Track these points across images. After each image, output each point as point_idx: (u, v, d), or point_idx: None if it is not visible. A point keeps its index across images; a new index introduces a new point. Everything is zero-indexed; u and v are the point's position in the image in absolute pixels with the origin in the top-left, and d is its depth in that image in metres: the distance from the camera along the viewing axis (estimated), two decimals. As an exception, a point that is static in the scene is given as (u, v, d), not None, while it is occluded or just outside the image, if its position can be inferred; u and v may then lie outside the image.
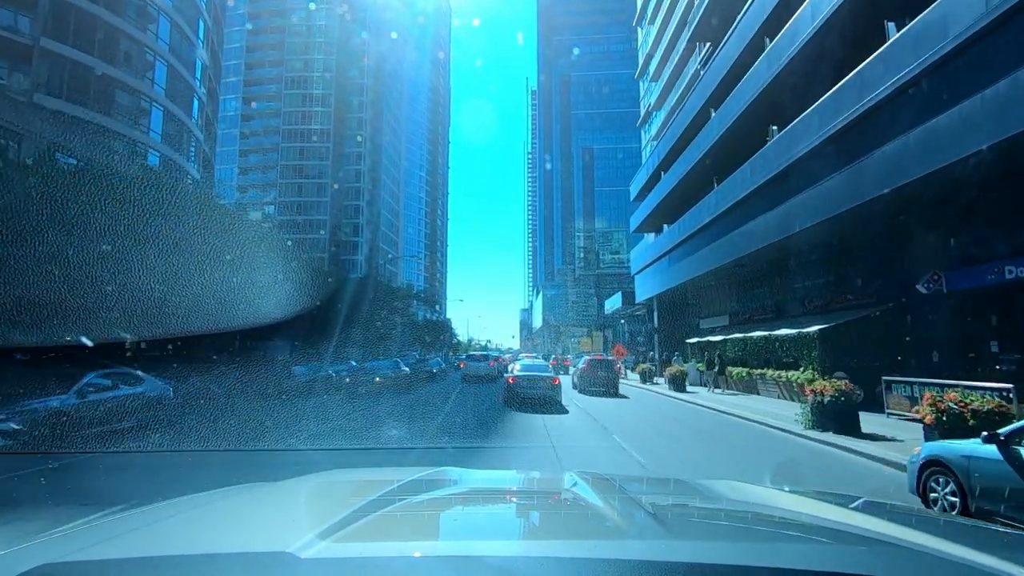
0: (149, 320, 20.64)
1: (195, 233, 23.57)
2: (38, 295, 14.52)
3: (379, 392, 18.63)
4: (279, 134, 74.09)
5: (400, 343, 51.54)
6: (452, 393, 21.49)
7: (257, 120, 75.46)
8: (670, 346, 37.25)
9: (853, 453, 9.38)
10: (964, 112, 10.97)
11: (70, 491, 6.10)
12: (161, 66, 31.40)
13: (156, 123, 30.78)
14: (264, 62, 75.27)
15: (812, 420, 11.59)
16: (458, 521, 1.62)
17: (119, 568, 1.04)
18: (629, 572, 0.98)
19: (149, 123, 30.23)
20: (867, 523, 1.52)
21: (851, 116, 14.72)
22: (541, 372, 18.02)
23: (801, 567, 1.03)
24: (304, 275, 32.37)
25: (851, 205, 14.41)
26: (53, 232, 15.07)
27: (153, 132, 30.53)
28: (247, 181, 74.63)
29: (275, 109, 74.57)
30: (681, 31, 34.95)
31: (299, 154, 74.54)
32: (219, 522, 1.48)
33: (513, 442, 10.51)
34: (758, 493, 2.12)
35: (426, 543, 1.27)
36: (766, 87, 18.87)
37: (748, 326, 24.51)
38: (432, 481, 2.06)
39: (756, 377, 20.20)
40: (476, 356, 29.29)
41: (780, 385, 18.31)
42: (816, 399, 11.47)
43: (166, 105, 31.23)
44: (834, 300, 19.13)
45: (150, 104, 30.17)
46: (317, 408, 15.11)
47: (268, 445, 9.36)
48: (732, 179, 22.12)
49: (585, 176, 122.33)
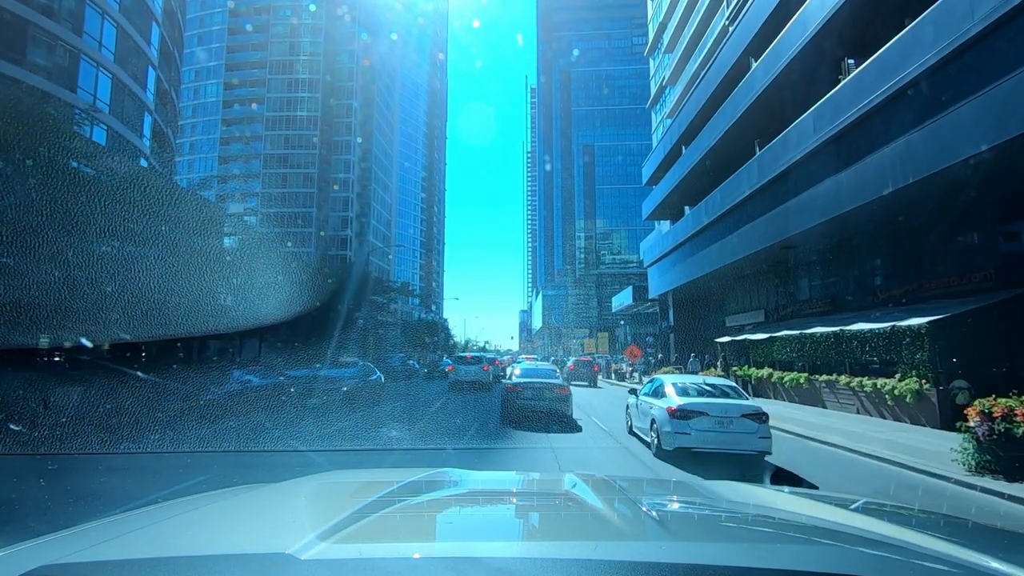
0: (73, 317, 16.48)
1: (142, 217, 19.53)
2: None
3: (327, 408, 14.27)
4: (263, 122, 69.52)
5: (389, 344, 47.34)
6: (434, 404, 17.15)
7: (239, 107, 70.92)
8: (687, 347, 32.95)
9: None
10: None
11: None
12: (110, 27, 27.05)
13: (103, 91, 26.39)
14: (247, 45, 70.71)
15: (981, 460, 7.33)
16: (458, 522, 1.62)
17: (119, 569, 1.03)
18: (629, 573, 0.98)
19: (95, 91, 25.82)
20: (867, 524, 1.51)
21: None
22: (547, 378, 13.75)
23: (801, 568, 1.02)
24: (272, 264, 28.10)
25: (989, 144, 10.09)
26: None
27: (100, 102, 26.16)
28: (228, 171, 70.06)
29: (259, 96, 70.03)
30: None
31: (284, 142, 69.94)
32: (218, 523, 1.47)
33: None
34: (758, 494, 2.10)
35: (426, 544, 1.28)
36: (839, 8, 14.57)
37: (793, 322, 20.21)
38: (432, 482, 2.05)
39: (821, 384, 15.87)
40: (466, 359, 23.97)
41: (860, 396, 13.98)
42: (993, 427, 7.17)
43: (115, 71, 26.82)
44: (923, 287, 14.83)
45: (95, 68, 25.77)
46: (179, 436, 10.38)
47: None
48: (784, 138, 17.79)
49: (586, 174, 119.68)
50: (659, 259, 34.38)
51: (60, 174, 16.19)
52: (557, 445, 9.93)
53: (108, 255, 18.31)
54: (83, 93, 24.20)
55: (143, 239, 19.82)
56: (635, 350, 30.69)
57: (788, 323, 20.53)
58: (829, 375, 15.57)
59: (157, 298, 18.82)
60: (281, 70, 70.37)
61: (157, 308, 18.73)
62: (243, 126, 70.34)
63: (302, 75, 70.07)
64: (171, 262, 19.92)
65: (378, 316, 38.41)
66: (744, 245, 21.11)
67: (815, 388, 16.24)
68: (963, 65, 11.02)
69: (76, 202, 16.62)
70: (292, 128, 70.05)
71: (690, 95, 28.38)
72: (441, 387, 23.00)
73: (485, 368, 22.83)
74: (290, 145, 69.92)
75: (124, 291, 17.49)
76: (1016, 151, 9.98)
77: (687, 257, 28.51)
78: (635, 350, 30.69)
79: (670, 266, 32.22)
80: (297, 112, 69.99)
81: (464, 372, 22.26)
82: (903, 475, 7.92)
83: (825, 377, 15.68)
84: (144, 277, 18.49)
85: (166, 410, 11.81)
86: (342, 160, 71.15)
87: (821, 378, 15.85)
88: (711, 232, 24.90)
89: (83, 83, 24.09)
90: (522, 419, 12.45)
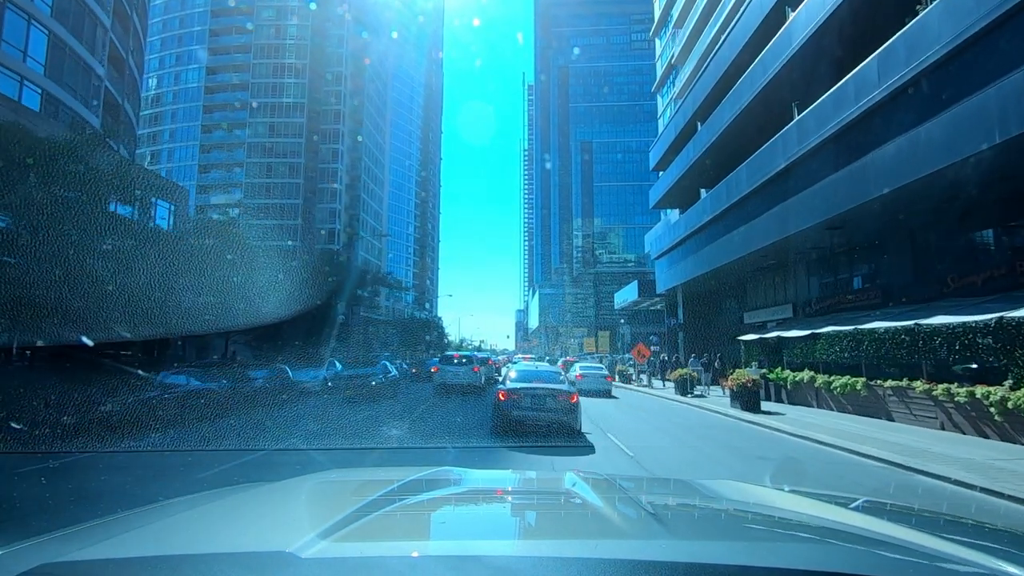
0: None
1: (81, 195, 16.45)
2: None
3: (262, 421, 11.23)
4: (247, 109, 66.05)
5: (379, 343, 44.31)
6: (413, 413, 14.13)
7: (222, 93, 67.41)
8: (699, 346, 30.01)
9: None
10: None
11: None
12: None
13: (37, 49, 23.19)
14: (231, 28, 67.22)
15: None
16: (458, 521, 1.61)
17: (118, 568, 1.03)
18: (629, 572, 0.97)
19: (26, 47, 22.63)
20: (867, 523, 1.49)
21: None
22: (550, 383, 10.75)
23: (801, 567, 1.01)
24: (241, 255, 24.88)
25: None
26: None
27: (32, 60, 22.97)
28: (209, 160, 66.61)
29: (243, 81, 66.58)
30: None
31: (269, 130, 66.43)
32: (219, 522, 1.45)
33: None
34: (758, 493, 2.08)
35: (426, 543, 1.27)
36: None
37: (833, 317, 17.27)
38: (432, 481, 2.03)
39: (886, 392, 12.88)
40: (454, 358, 20.41)
41: (947, 407, 11.00)
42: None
43: (52, 27, 23.61)
44: (1019, 270, 11.91)
45: (26, 22, 22.58)
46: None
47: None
48: (837, 93, 14.79)
49: (584, 171, 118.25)
50: (668, 250, 31.43)
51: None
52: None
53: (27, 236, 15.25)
54: (9, 48, 21.01)
55: (76, 219, 16.68)
56: (643, 349, 27.63)
57: (828, 318, 17.58)
58: (898, 380, 12.59)
59: (88, 290, 15.80)
60: (266, 54, 66.92)
61: (91, 301, 15.71)
62: (226, 113, 66.83)
63: (288, 60, 66.68)
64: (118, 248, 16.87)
65: (362, 312, 35.23)
66: (776, 228, 18.16)
67: (876, 396, 13.27)
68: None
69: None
70: (278, 116, 66.58)
71: (707, 65, 25.42)
72: (423, 393, 19.91)
73: (476, 369, 19.75)
74: (275, 133, 66.44)
75: (53, 280, 14.52)
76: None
77: (702, 246, 25.55)
78: (643, 349, 27.63)
79: (681, 257, 29.26)
80: (283, 99, 66.54)
81: (451, 374, 19.16)
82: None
83: (892, 383, 12.69)
84: (80, 265, 15.44)
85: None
86: (330, 149, 67.66)
87: (886, 384, 12.86)
88: (733, 216, 21.93)
89: (9, 37, 20.89)
90: (518, 436, 9.52)
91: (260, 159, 65.51)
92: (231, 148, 66.18)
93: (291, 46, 66.87)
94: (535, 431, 9.89)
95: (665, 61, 41.02)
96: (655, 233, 38.40)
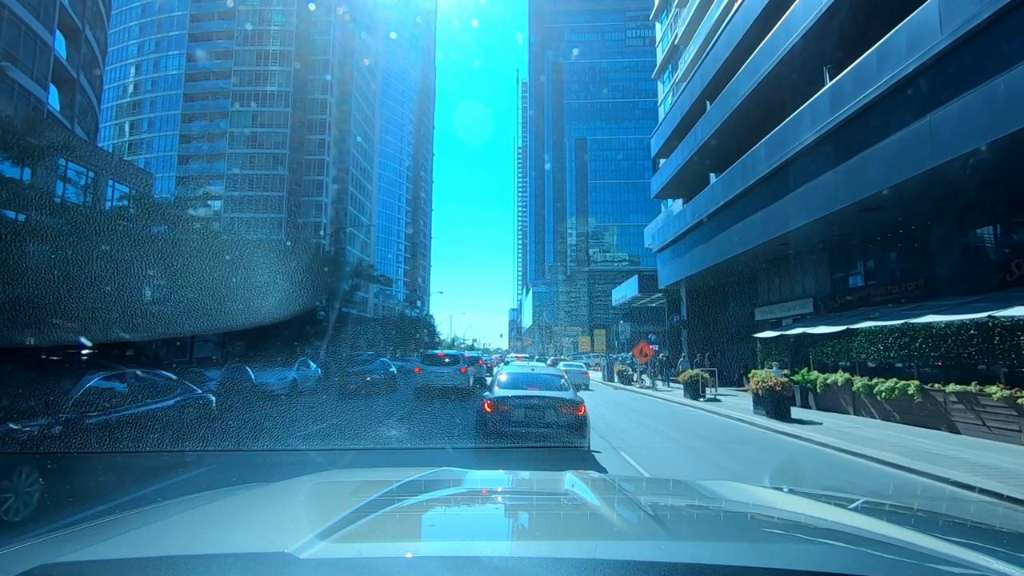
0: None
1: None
2: None
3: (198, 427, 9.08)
4: (229, 97, 63.30)
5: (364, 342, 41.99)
6: (386, 422, 11.91)
7: (204, 81, 64.62)
8: (704, 344, 27.99)
9: None
10: None
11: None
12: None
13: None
14: (213, 14, 64.41)
15: None
16: (457, 521, 1.60)
17: (118, 568, 1.02)
18: (628, 572, 0.96)
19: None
20: (866, 524, 1.46)
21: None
22: (549, 390, 8.48)
23: (801, 568, 1.01)
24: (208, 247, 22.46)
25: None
26: None
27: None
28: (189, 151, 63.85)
29: (225, 69, 63.84)
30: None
31: (252, 120, 63.73)
32: (218, 522, 1.45)
33: None
34: (758, 494, 2.05)
35: (425, 544, 1.26)
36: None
37: (862, 312, 15.22)
38: (431, 481, 2.00)
39: (949, 398, 10.81)
40: (438, 357, 18.07)
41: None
42: None
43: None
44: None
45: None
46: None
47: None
48: (880, 50, 12.68)
49: (578, 169, 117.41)
50: (671, 243, 29.35)
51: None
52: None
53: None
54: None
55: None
56: (645, 347, 25.50)
57: (859, 312, 15.52)
58: (964, 384, 10.52)
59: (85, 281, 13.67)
60: (250, 41, 64.18)
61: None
62: (207, 101, 64.05)
63: (273, 47, 64.01)
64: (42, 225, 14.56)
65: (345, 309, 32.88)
66: (799, 212, 16.08)
67: (935, 403, 11.20)
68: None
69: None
70: (261, 104, 63.90)
71: (718, 37, 23.34)
72: (402, 396, 17.66)
73: (463, 370, 17.51)
74: (259, 123, 63.78)
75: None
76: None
77: (711, 236, 23.47)
78: (645, 347, 25.50)
79: (686, 249, 27.18)
80: (267, 87, 63.88)
81: (434, 375, 16.91)
82: None
83: (957, 387, 10.62)
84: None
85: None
86: (316, 139, 65.11)
87: (948, 389, 10.79)
88: (748, 200, 19.86)
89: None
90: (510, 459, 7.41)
91: (243, 149, 62.80)
92: (212, 139, 63.41)
93: (276, 32, 64.25)
94: (534, 452, 7.74)
95: (666, 45, 38.99)
96: (655, 226, 36.37)
